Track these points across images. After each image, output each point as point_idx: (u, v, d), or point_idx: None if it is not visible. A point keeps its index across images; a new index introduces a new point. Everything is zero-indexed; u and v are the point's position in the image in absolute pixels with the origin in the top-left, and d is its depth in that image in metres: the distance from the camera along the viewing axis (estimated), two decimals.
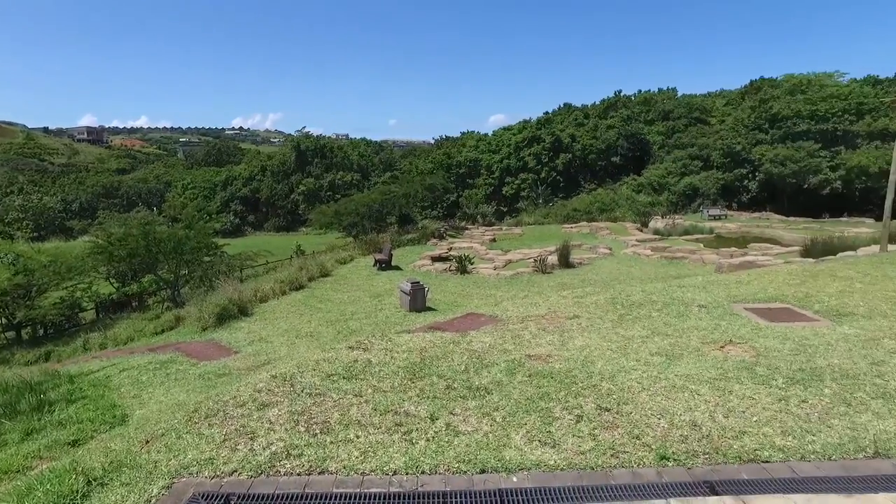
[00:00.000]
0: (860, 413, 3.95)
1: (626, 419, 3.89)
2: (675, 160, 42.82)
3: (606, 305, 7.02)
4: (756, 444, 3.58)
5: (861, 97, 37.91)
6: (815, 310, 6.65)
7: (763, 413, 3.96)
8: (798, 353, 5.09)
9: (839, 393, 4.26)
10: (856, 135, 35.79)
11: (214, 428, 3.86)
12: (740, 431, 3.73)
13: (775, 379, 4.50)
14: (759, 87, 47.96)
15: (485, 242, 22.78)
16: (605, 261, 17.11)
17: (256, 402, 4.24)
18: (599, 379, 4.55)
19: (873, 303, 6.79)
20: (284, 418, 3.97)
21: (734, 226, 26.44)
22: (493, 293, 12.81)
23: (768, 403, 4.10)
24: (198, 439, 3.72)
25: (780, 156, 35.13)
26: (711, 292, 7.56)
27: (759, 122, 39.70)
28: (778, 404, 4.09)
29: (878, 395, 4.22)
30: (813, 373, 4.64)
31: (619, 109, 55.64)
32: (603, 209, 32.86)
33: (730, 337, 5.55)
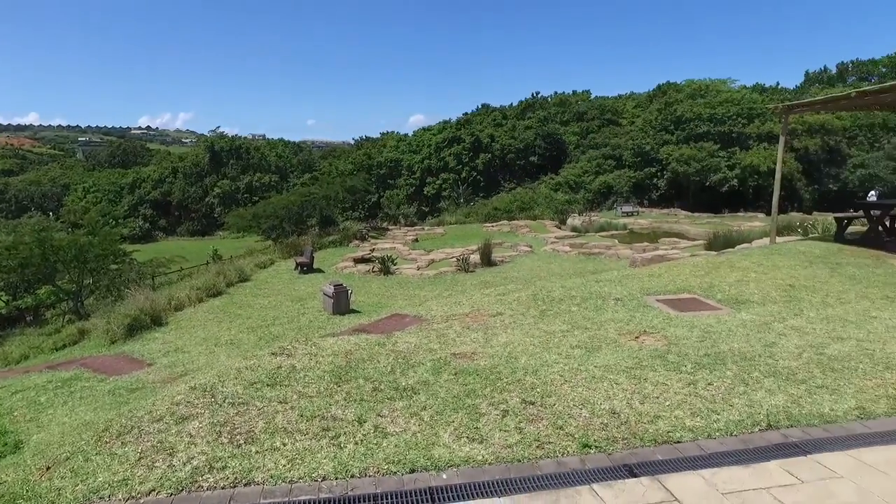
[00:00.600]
0: (756, 391, 4.30)
1: (550, 411, 4.03)
2: (590, 159, 44.60)
3: (528, 302, 7.22)
4: (669, 426, 3.81)
5: (751, 103, 41.00)
6: (718, 299, 7.14)
7: (675, 397, 4.22)
8: (704, 340, 5.46)
9: (739, 374, 4.61)
10: (748, 136, 38.69)
11: (129, 446, 3.65)
12: (655, 416, 3.95)
13: (685, 365, 4.81)
14: (665, 91, 50.74)
15: (407, 243, 22.79)
16: (526, 258, 17.56)
17: (175, 415, 4.05)
18: (523, 374, 4.68)
19: (765, 290, 7.39)
20: (206, 431, 3.81)
21: (646, 222, 27.87)
22: (417, 293, 12.84)
23: (679, 388, 4.37)
24: (109, 460, 3.50)
25: (685, 155, 37.41)
26: (626, 286, 7.95)
27: (665, 124, 42.05)
28: (687, 388, 4.37)
29: (770, 374, 4.61)
30: (717, 357, 4.99)
31: (537, 110, 57.25)
32: (523, 208, 33.69)
33: (644, 328, 5.87)
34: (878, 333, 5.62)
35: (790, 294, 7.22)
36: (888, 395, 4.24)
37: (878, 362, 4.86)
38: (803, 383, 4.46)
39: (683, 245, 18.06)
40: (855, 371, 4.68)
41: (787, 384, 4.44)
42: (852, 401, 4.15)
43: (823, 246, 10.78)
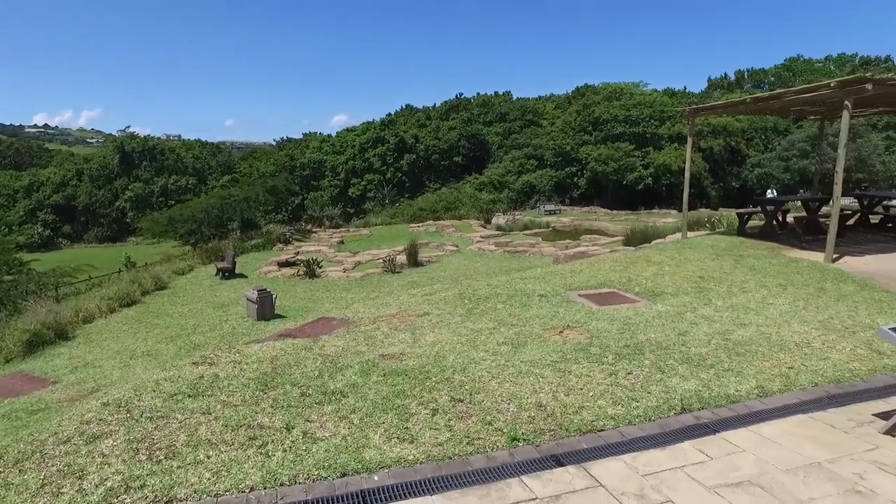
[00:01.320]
0: (671, 377, 4.56)
1: (479, 407, 4.11)
2: (512, 159, 45.58)
3: (455, 301, 7.31)
4: (593, 416, 3.98)
5: (662, 106, 43.30)
6: (636, 292, 7.50)
7: (597, 388, 4.40)
8: (624, 332, 5.72)
9: (655, 362, 4.87)
10: (660, 137, 40.84)
11: (29, 473, 3.38)
12: (580, 406, 4.11)
13: (606, 356, 5.02)
14: (582, 93, 52.64)
15: (333, 245, 22.45)
16: (453, 258, 17.73)
17: (85, 435, 3.80)
18: (452, 372, 4.74)
19: (678, 283, 7.84)
20: (121, 448, 3.60)
21: (568, 219, 28.80)
22: (343, 296, 12.68)
23: (601, 379, 4.56)
24: (5, 491, 3.23)
25: (603, 155, 39.01)
26: (550, 282, 8.20)
27: (584, 125, 43.62)
28: (609, 378, 4.57)
29: (683, 361, 4.90)
30: (636, 347, 5.25)
31: (460, 111, 57.88)
32: (448, 208, 33.96)
33: (567, 322, 6.08)
34: (774, 318, 6.09)
35: (700, 285, 7.69)
36: (782, 374, 4.62)
37: (773, 345, 5.28)
38: (712, 368, 4.77)
39: (603, 241, 18.80)
40: (755, 354, 5.05)
41: (699, 369, 4.73)
42: (753, 381, 4.49)
43: (728, 240, 11.55)
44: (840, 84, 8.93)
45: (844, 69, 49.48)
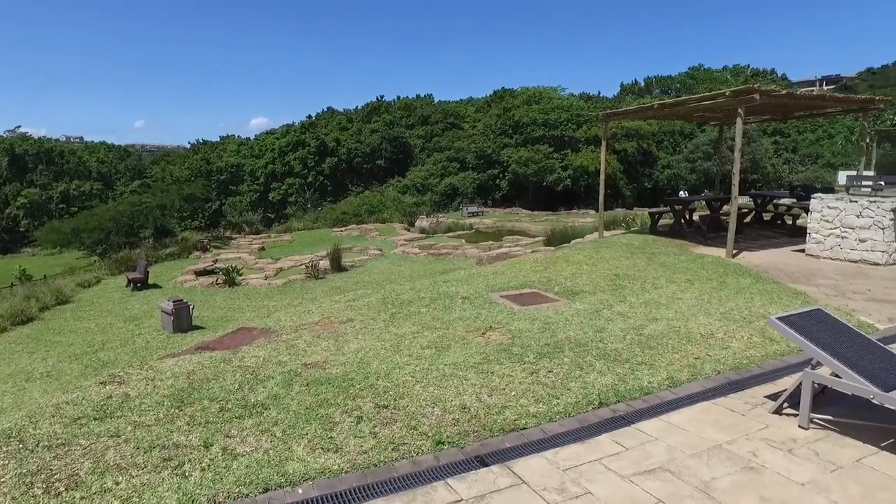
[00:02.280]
0: (589, 373, 4.74)
1: (404, 412, 4.11)
2: (435, 162, 45.92)
3: (378, 306, 7.27)
4: (515, 415, 4.07)
5: (579, 109, 44.99)
6: (556, 291, 7.75)
7: (519, 387, 4.51)
8: (544, 331, 5.90)
9: (574, 359, 5.05)
10: (578, 140, 42.40)
11: None
12: (502, 406, 4.19)
13: (528, 356, 5.16)
14: (502, 97, 53.76)
15: (253, 252, 21.76)
16: (377, 262, 17.63)
17: None
18: (376, 378, 4.71)
19: (595, 281, 8.17)
20: (11, 484, 3.32)
21: (490, 221, 29.32)
22: (265, 304, 12.33)
23: (523, 378, 4.68)
24: None
25: (523, 158, 40.01)
26: (473, 284, 8.32)
27: (504, 128, 44.57)
28: (531, 377, 4.70)
29: (601, 357, 5.11)
30: (556, 346, 5.42)
31: (382, 114, 57.63)
32: (371, 211, 33.75)
33: (490, 324, 6.19)
34: (683, 312, 6.47)
35: (616, 283, 8.05)
36: (689, 365, 4.92)
37: (682, 337, 5.61)
38: (627, 362, 5.00)
39: (525, 242, 19.29)
40: (666, 347, 5.35)
41: (615, 364, 4.95)
42: (664, 373, 4.75)
43: (641, 238, 12.16)
44: (734, 93, 9.63)
45: (739, 79, 53.26)
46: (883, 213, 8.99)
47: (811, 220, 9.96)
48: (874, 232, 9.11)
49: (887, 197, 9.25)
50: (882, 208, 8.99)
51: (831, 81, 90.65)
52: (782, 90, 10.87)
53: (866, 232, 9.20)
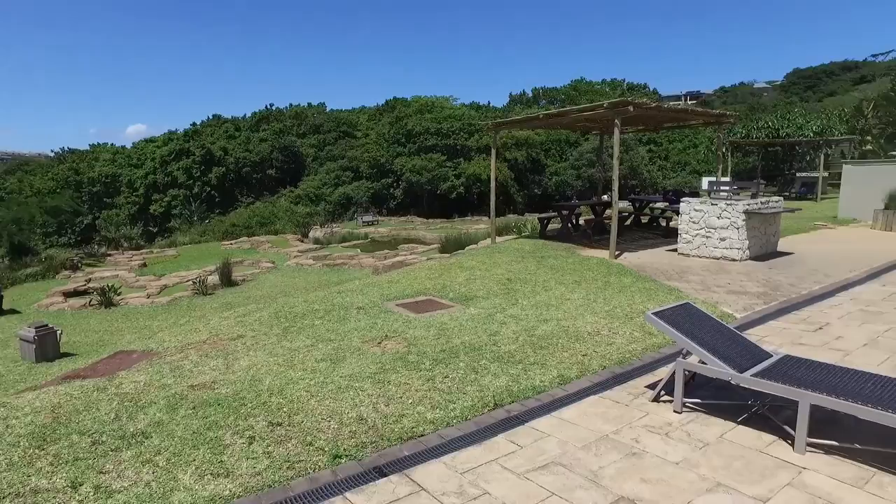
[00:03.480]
0: (484, 376, 4.86)
1: (299, 429, 3.98)
2: (328, 171, 45.19)
3: (271, 320, 7.02)
4: (413, 422, 4.08)
5: (470, 119, 46.16)
6: (450, 297, 7.87)
7: (416, 394, 4.52)
8: (440, 337, 5.97)
9: (470, 364, 5.15)
10: (470, 149, 43.45)
11: None
12: (400, 415, 4.19)
13: (424, 363, 5.19)
14: (394, 106, 53.90)
15: (133, 269, 20.20)
16: (270, 275, 17.01)
17: None
18: (269, 395, 4.53)
19: (489, 286, 8.40)
20: None
21: (386, 230, 29.25)
22: (148, 324, 11.47)
23: (420, 385, 4.70)
24: None
25: (417, 166, 40.37)
26: (368, 294, 8.25)
27: (397, 137, 44.72)
28: (427, 384, 4.73)
29: (495, 359, 5.26)
30: (451, 351, 5.50)
31: (272, 122, 55.75)
32: (263, 223, 32.54)
33: (385, 333, 6.16)
34: (571, 312, 6.81)
35: (508, 287, 8.31)
36: (578, 362, 5.18)
37: (571, 336, 5.90)
38: (520, 363, 5.17)
39: (421, 250, 19.43)
40: (556, 346, 5.60)
41: (508, 366, 5.11)
42: (555, 371, 4.97)
43: (532, 242, 12.66)
44: (611, 105, 10.32)
45: (616, 91, 57.21)
46: (738, 214, 9.99)
47: (681, 222, 10.87)
48: (732, 231, 10.10)
49: (740, 200, 10.31)
50: (737, 210, 10.00)
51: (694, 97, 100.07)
52: (652, 103, 11.82)
53: (726, 231, 10.18)
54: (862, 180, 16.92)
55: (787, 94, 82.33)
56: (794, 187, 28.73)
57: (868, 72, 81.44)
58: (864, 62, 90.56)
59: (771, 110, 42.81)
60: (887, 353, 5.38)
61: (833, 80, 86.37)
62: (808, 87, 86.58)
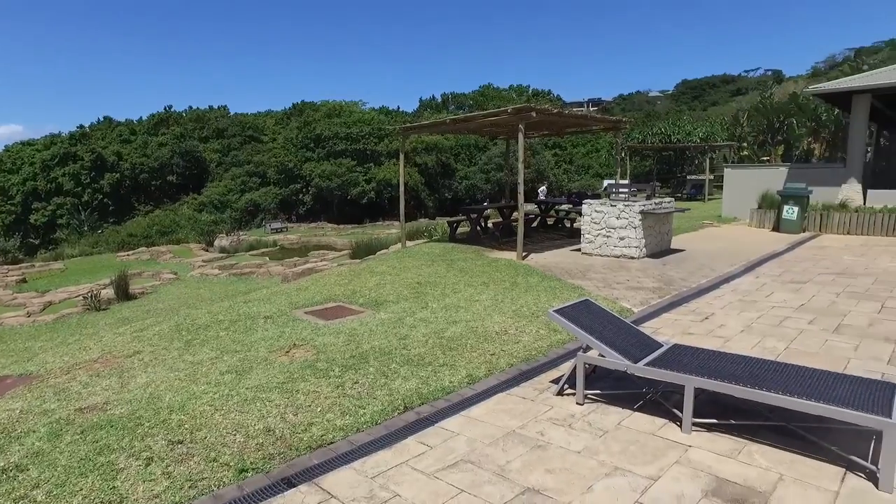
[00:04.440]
0: (394, 380, 4.87)
1: (202, 445, 3.82)
2: (234, 177, 43.51)
3: (171, 334, 6.66)
4: (322, 430, 4.02)
5: (380, 123, 46.06)
6: (360, 303, 7.81)
7: (325, 402, 4.46)
8: (349, 343, 5.91)
9: (380, 368, 5.14)
10: (380, 153, 43.34)
11: None
12: (309, 424, 4.11)
13: (333, 370, 5.12)
14: (302, 110, 52.77)
15: (10, 285, 18.45)
16: (171, 286, 16.12)
17: None
18: (169, 413, 4.31)
19: (399, 290, 8.41)
20: None
21: (295, 237, 28.57)
22: (28, 346, 10.49)
23: (329, 392, 4.64)
24: None
25: (327, 171, 39.75)
26: (275, 303, 8.03)
27: (306, 142, 43.81)
28: (337, 391, 4.67)
29: (405, 363, 5.28)
30: (361, 357, 5.47)
31: (171, 126, 52.88)
32: (164, 232, 30.80)
33: (294, 341, 6.03)
34: (479, 313, 6.97)
35: (418, 290, 8.36)
36: (486, 361, 5.31)
37: (480, 336, 6.04)
38: (430, 365, 5.23)
39: (331, 256, 19.14)
40: (465, 347, 5.71)
41: (418, 369, 5.14)
42: (464, 371, 5.06)
43: (442, 246, 12.81)
44: (515, 111, 10.66)
45: (522, 98, 59.09)
46: (635, 214, 10.63)
47: (583, 222, 11.41)
48: (630, 231, 10.73)
49: (637, 201, 10.97)
50: (634, 211, 10.63)
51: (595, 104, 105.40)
52: (554, 109, 12.32)
53: (624, 231, 10.80)
54: (740, 182, 18.51)
55: (678, 102, 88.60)
56: (685, 189, 30.93)
57: (742, 85, 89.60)
58: (739, 77, 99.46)
59: (664, 118, 45.88)
60: (759, 336, 5.93)
61: (715, 92, 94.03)
62: (695, 97, 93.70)
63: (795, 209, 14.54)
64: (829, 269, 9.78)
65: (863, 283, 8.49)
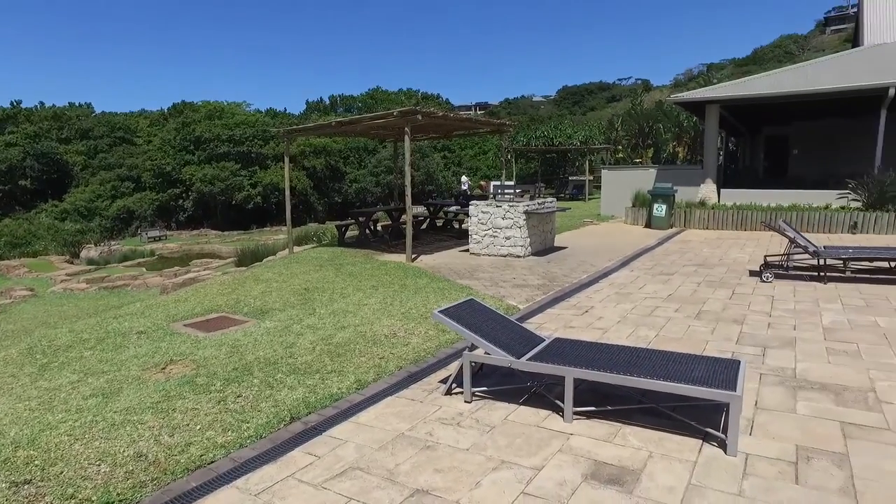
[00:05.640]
0: (280, 391, 4.69)
1: (56, 482, 3.44)
2: (103, 182, 40.06)
3: (22, 358, 5.98)
4: (202, 450, 3.77)
5: (265, 125, 44.42)
6: (245, 312, 7.46)
7: (205, 419, 4.20)
8: (232, 355, 5.62)
9: (265, 379, 4.93)
10: (266, 156, 41.81)
11: None
12: (187, 444, 3.84)
13: (214, 384, 4.84)
14: (181, 111, 49.67)
15: None
16: (27, 304, 14.51)
17: None
18: (14, 449, 3.84)
19: (286, 297, 8.14)
20: None
21: (176, 245, 26.83)
22: None
23: (209, 409, 4.37)
24: None
25: (209, 175, 37.67)
26: (151, 316, 7.46)
27: (185, 144, 41.27)
28: (218, 406, 4.42)
29: (291, 372, 5.11)
30: (245, 368, 5.21)
31: (22, 124, 47.59)
32: (16, 244, 27.59)
33: (171, 357, 5.63)
34: (368, 317, 6.90)
35: (306, 297, 8.13)
36: (375, 365, 5.27)
37: (368, 340, 5.98)
38: (317, 373, 5.09)
39: (216, 264, 18.17)
40: (354, 352, 5.62)
41: (305, 377, 4.99)
42: (352, 377, 4.98)
43: (331, 250, 12.56)
44: (401, 114, 10.69)
45: (412, 101, 59.49)
46: (519, 214, 11.03)
47: (471, 223, 11.66)
48: (515, 230, 11.12)
49: (521, 202, 11.40)
50: (518, 211, 11.03)
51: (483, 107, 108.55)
52: (440, 112, 12.50)
53: (510, 231, 11.17)
54: (616, 183, 19.83)
55: (559, 107, 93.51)
56: (567, 189, 32.64)
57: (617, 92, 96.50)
58: (614, 84, 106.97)
59: (547, 121, 48.13)
60: (633, 326, 6.38)
61: (593, 97, 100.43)
62: (575, 103, 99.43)
63: (664, 207, 15.80)
64: (691, 261, 10.72)
65: (718, 273, 9.40)
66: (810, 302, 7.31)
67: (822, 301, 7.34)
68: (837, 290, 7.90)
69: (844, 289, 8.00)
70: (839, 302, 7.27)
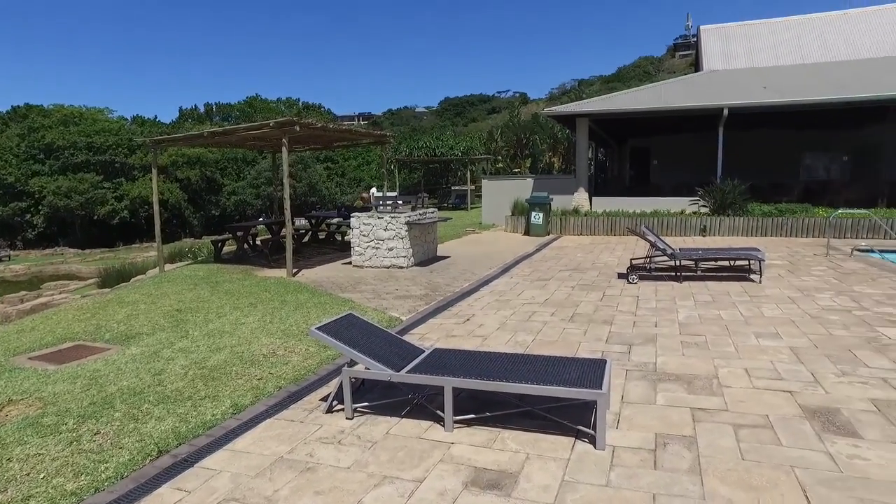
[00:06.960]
0: (146, 423, 4.34)
1: None
2: None
3: None
4: (45, 502, 3.39)
5: (131, 134, 41.20)
6: (106, 339, 6.84)
7: (52, 465, 3.78)
8: (90, 388, 5.12)
9: (128, 412, 4.55)
10: (132, 167, 38.74)
11: None
12: (24, 498, 3.42)
13: (66, 423, 4.38)
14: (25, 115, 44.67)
15: None
16: None
17: None
18: None
19: (155, 320, 7.57)
20: None
21: (22, 267, 24.02)
22: None
23: (59, 451, 3.95)
24: None
25: (64, 188, 34.21)
26: None
27: (33, 152, 37.19)
28: (71, 447, 4.00)
29: (160, 401, 4.75)
30: (105, 402, 4.77)
31: None
32: None
33: (8, 397, 5.01)
34: (246, 336, 6.60)
35: (178, 318, 7.62)
36: (253, 387, 5.04)
37: (245, 361, 5.71)
38: (189, 400, 4.78)
39: (74, 287, 16.52)
40: (230, 375, 5.34)
41: (176, 405, 4.66)
42: (228, 401, 4.73)
43: (206, 268, 11.87)
44: (278, 125, 10.37)
45: (292, 110, 57.99)
46: (402, 225, 11.10)
47: (353, 235, 11.55)
48: (397, 241, 11.16)
49: (403, 213, 11.47)
50: (400, 222, 11.09)
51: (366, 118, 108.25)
52: (319, 123, 12.27)
53: (392, 242, 11.20)
54: (496, 192, 20.56)
55: (441, 118, 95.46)
56: (450, 199, 33.33)
57: (496, 105, 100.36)
58: (494, 97, 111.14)
59: (429, 132, 48.90)
60: (512, 332, 6.63)
61: (474, 109, 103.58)
62: (457, 114, 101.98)
63: (541, 215, 16.61)
64: (566, 266, 11.36)
65: (590, 276, 10.04)
66: (669, 300, 8.01)
67: (678, 298, 8.08)
68: (691, 288, 8.73)
69: (696, 286, 8.86)
70: (692, 299, 8.03)
